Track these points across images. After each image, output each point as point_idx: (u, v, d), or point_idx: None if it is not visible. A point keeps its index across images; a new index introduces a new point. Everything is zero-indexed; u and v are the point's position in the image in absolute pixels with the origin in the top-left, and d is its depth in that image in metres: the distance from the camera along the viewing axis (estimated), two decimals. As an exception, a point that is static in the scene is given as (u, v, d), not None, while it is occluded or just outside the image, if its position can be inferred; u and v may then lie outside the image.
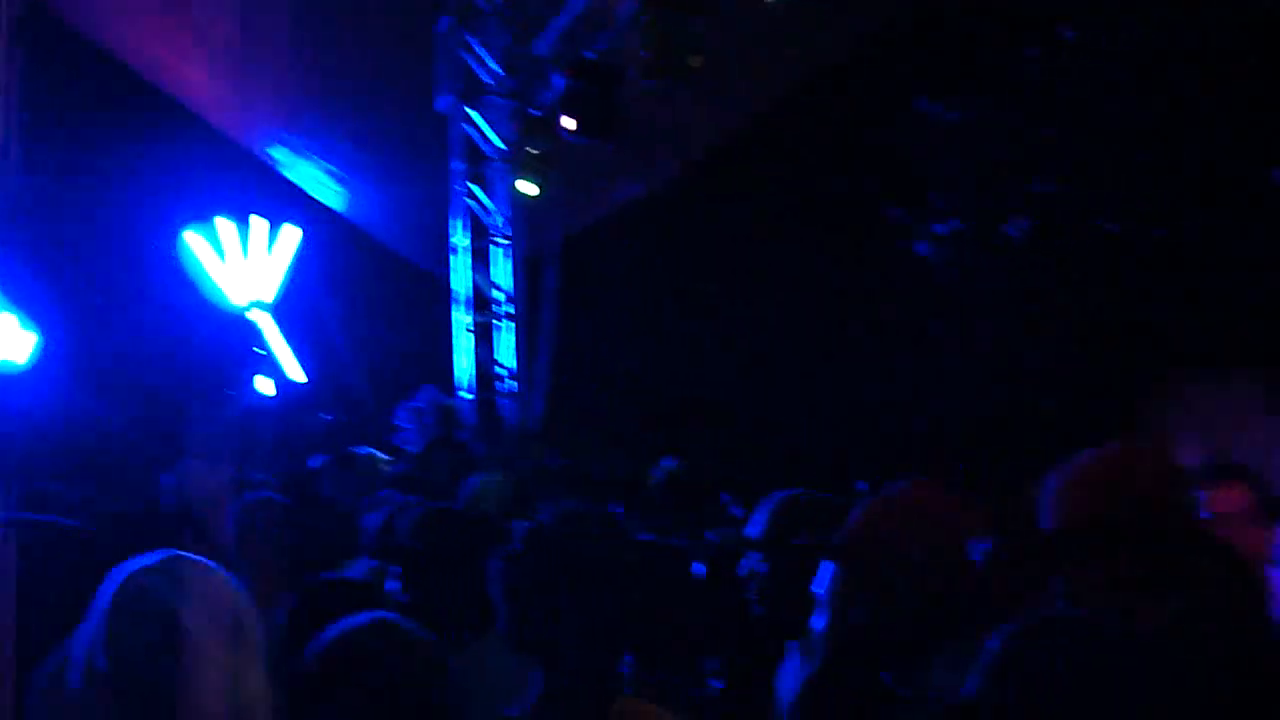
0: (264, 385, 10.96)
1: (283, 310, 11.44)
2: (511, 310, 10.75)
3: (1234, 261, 9.99)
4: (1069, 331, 10.71)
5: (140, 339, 10.38)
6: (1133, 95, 10.43)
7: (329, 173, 11.32)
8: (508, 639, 2.70)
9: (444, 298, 10.87)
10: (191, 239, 11.06)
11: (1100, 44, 10.58)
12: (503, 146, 10.42)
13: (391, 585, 3.65)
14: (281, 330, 11.36)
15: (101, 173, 10.79)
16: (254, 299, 11.27)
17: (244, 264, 11.28)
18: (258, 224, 11.32)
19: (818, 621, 2.65)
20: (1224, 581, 2.37)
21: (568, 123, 9.04)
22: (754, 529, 3.53)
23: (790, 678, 3.04)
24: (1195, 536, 2.45)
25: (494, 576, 2.70)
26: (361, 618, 2.45)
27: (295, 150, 11.10)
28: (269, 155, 11.13)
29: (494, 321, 10.78)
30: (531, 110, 9.99)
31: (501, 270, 10.75)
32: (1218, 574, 2.38)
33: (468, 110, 10.39)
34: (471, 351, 10.70)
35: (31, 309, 6.94)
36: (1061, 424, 10.00)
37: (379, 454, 7.50)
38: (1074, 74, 10.66)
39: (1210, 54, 10.05)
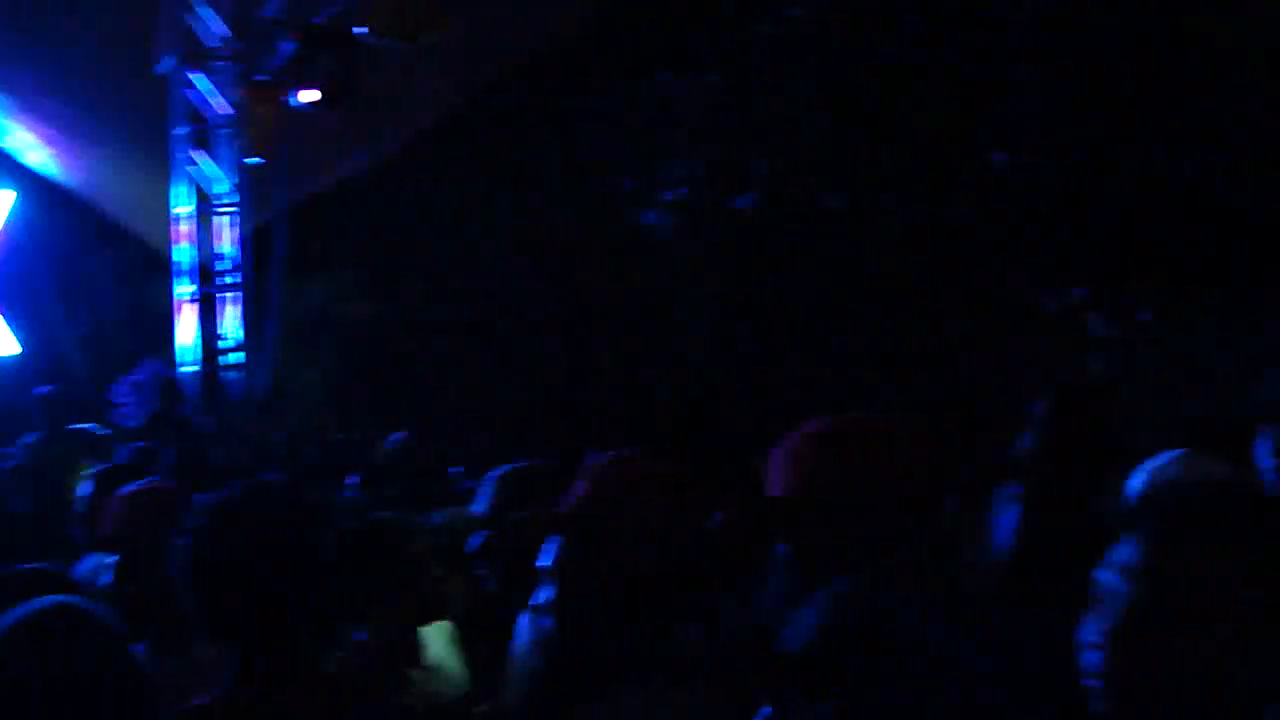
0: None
1: (-8, 278, 10.90)
2: (237, 280, 10.49)
3: (956, 236, 10.41)
4: (797, 301, 10.98)
5: None
6: (860, 73, 10.74)
7: (43, 137, 10.83)
8: (195, 622, 2.49)
9: (166, 267, 10.54)
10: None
11: (829, 22, 10.86)
12: (228, 112, 10.13)
13: (105, 578, 3.41)
14: (-9, 298, 10.83)
15: None
16: (-38, 266, 10.70)
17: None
18: (-34, 189, 10.77)
19: (543, 594, 2.65)
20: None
21: (302, 93, 8.87)
22: (479, 504, 3.53)
23: (521, 652, 3.05)
24: (914, 506, 2.51)
25: (175, 556, 2.42)
26: (41, 601, 2.33)
27: (6, 113, 10.60)
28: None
29: (218, 292, 10.51)
30: (258, 75, 9.73)
31: (226, 239, 10.47)
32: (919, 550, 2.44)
33: (189, 75, 10.07)
34: (195, 323, 10.41)
35: None
36: (789, 393, 10.28)
37: (97, 430, 7.21)
38: (802, 50, 10.92)
39: (936, 34, 10.44)
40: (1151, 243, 9.66)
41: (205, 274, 10.42)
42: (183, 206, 10.32)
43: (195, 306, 10.35)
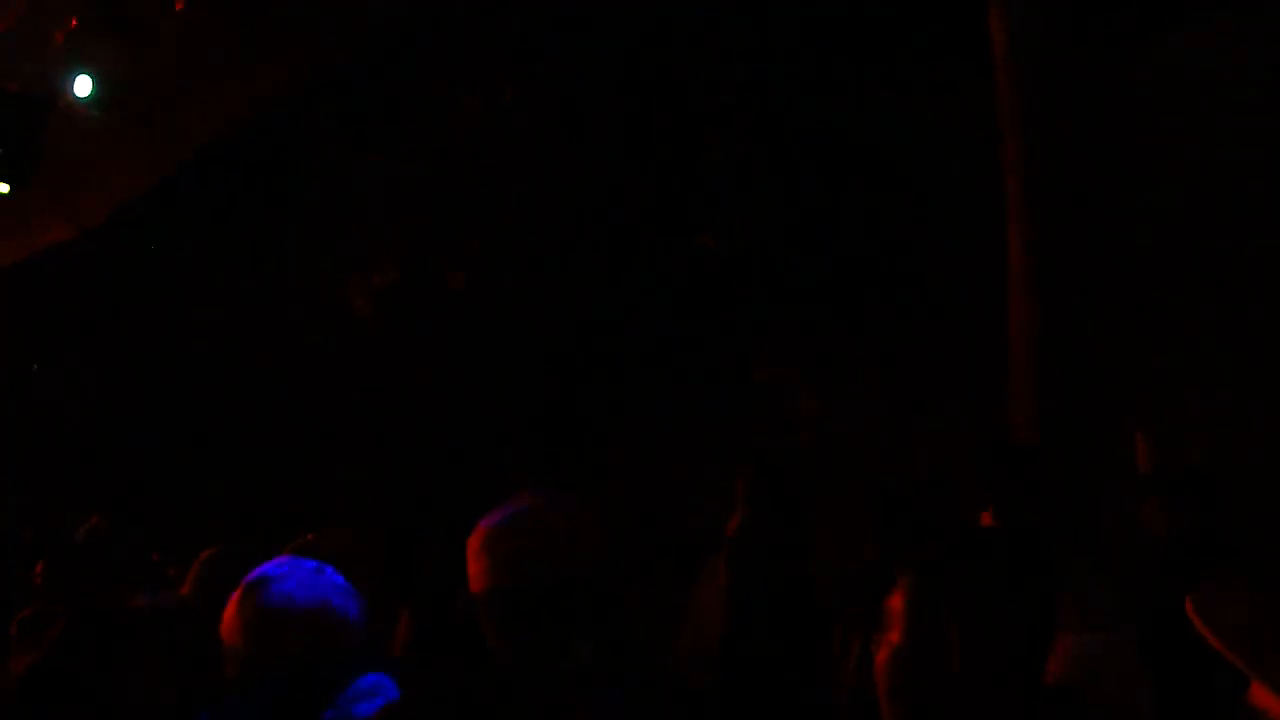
0: None
1: None
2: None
3: (657, 322, 10.63)
4: (502, 381, 11.02)
5: None
6: (572, 154, 10.90)
7: None
8: None
9: None
10: None
11: (539, 101, 10.99)
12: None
13: None
14: None
15: None
16: None
17: None
18: None
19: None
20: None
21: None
22: (190, 587, 3.46)
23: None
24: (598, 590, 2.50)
25: None
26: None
27: None
28: None
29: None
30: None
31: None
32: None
33: None
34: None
35: None
36: (499, 475, 10.29)
37: None
38: (513, 130, 11.03)
39: (644, 115, 10.69)
40: (853, 320, 10.08)
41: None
42: None
43: None
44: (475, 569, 2.51)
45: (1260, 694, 1.94)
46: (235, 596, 2.91)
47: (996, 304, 7.85)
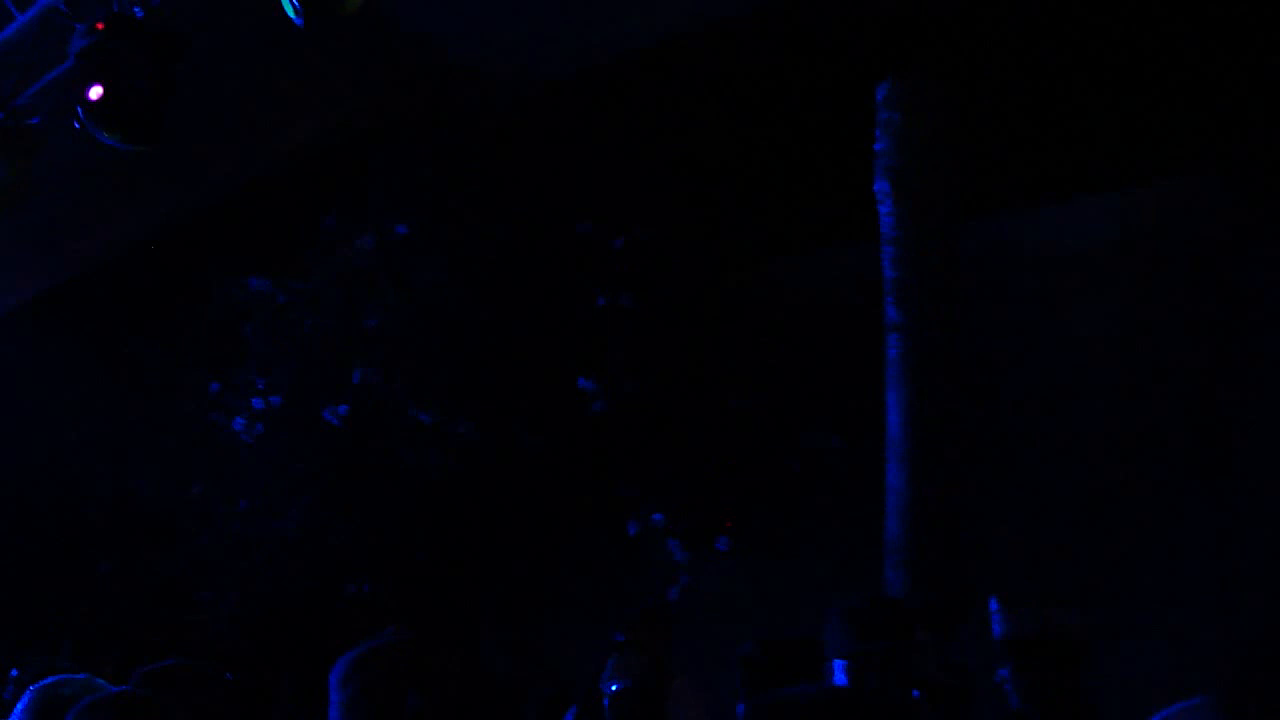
0: None
1: None
2: None
3: (518, 459, 10.66)
4: (381, 514, 10.93)
5: None
6: (460, 292, 10.97)
7: None
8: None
9: None
10: None
11: (432, 240, 11.08)
12: None
13: None
14: None
15: None
16: None
17: None
18: None
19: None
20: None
21: None
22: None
23: None
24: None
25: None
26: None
27: None
28: None
29: None
30: None
31: None
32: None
33: None
34: None
35: None
36: (372, 606, 10.17)
37: None
38: (404, 265, 11.09)
39: (537, 262, 10.83)
40: (725, 476, 10.17)
41: None
42: None
43: None
44: (336, 698, 2.51)
45: None
46: None
47: (872, 466, 7.98)
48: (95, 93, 7.21)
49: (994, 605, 4.79)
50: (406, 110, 10.72)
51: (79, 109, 7.21)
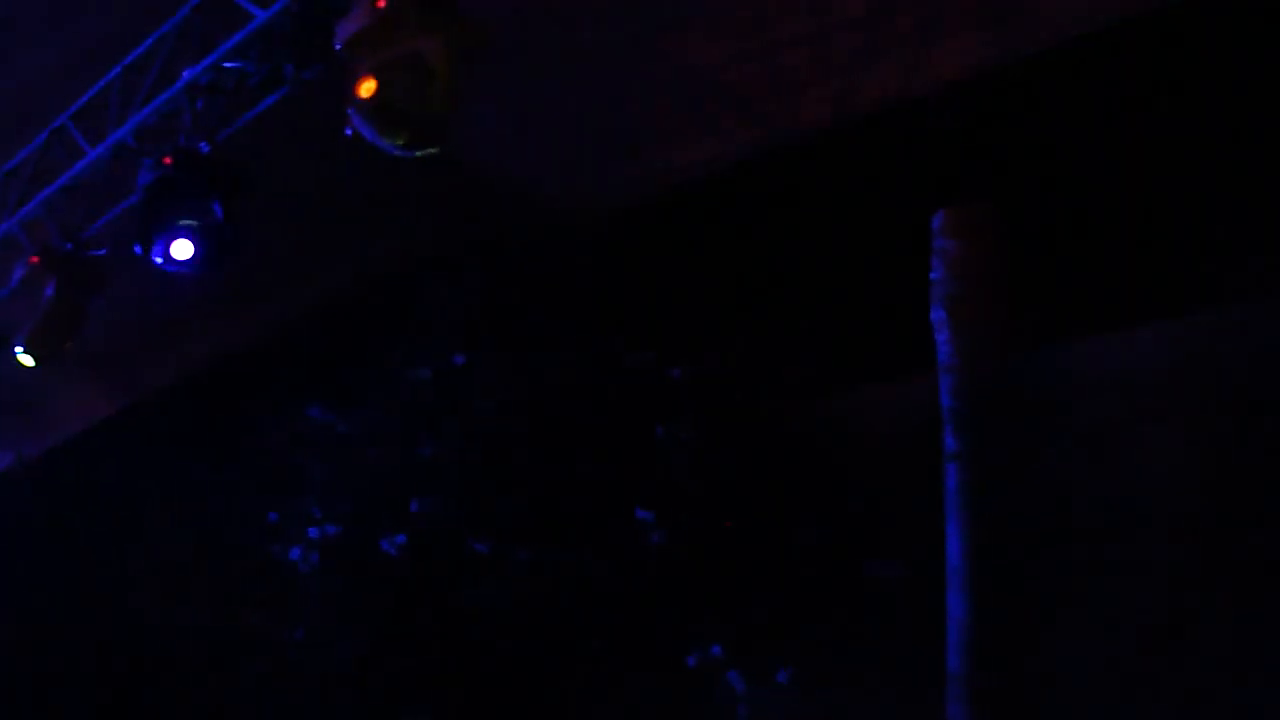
0: None
1: None
2: None
3: (599, 589, 10.58)
4: (438, 645, 10.88)
5: None
6: (521, 425, 11.00)
7: None
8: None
9: None
10: None
11: (491, 371, 11.14)
12: None
13: None
14: None
15: None
16: None
17: None
18: None
19: None
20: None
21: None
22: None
23: None
24: None
25: None
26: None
27: None
28: None
29: None
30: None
31: None
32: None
33: None
34: None
35: None
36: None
37: None
38: (461, 396, 11.14)
39: (595, 386, 10.86)
40: (786, 606, 10.04)
41: None
42: None
43: None
44: None
45: None
46: None
47: (934, 598, 7.86)
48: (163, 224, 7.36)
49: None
50: (466, 239, 10.85)
51: (153, 236, 7.30)
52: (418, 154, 6.34)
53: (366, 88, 6.32)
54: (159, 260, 7.38)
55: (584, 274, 10.99)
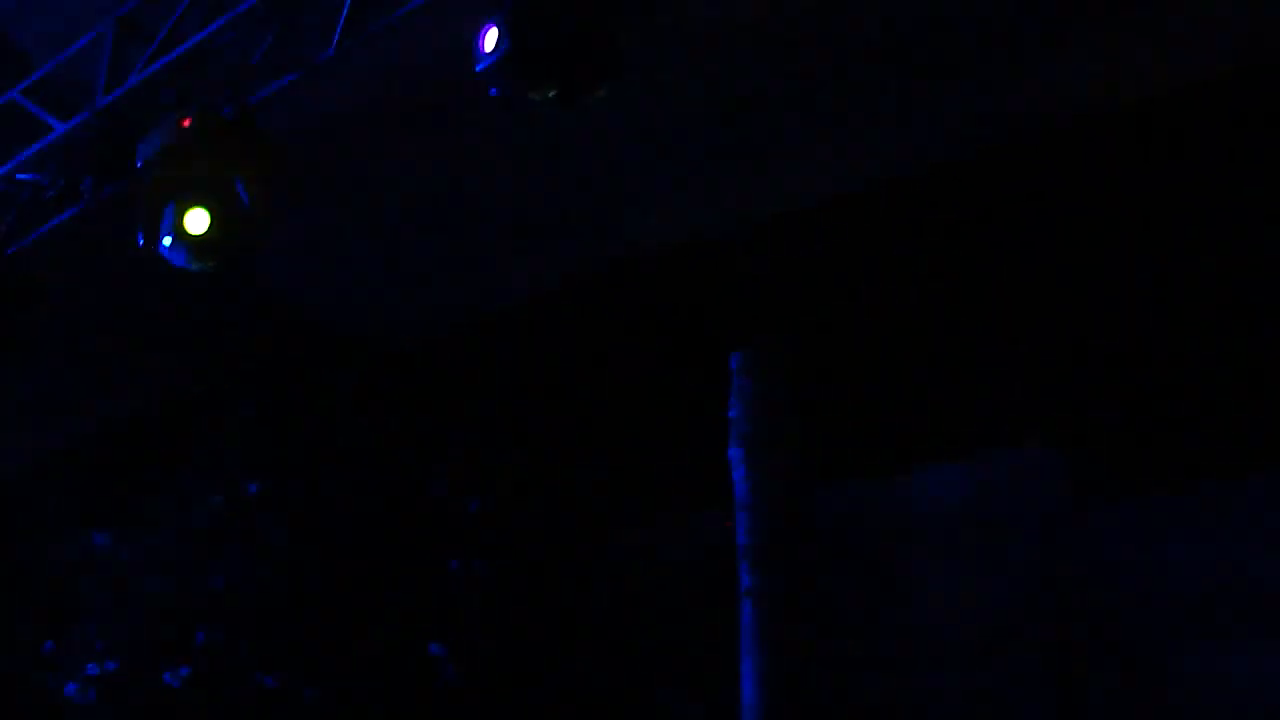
0: None
1: None
2: None
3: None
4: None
5: None
6: (310, 553, 10.79)
7: None
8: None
9: None
10: None
11: (285, 500, 10.93)
12: None
13: None
14: None
15: None
16: None
17: None
18: None
19: None
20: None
21: None
22: None
23: None
24: None
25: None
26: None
27: None
28: None
29: None
30: None
31: None
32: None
33: None
34: None
35: None
36: None
37: None
38: (253, 525, 10.89)
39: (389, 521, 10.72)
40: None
41: None
42: None
43: None
44: None
45: None
46: None
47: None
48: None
49: None
50: (264, 366, 10.70)
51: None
52: (214, 272, 6.22)
53: (191, 215, 6.12)
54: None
55: (382, 405, 10.91)
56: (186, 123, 6.27)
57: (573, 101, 5.50)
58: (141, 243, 6.21)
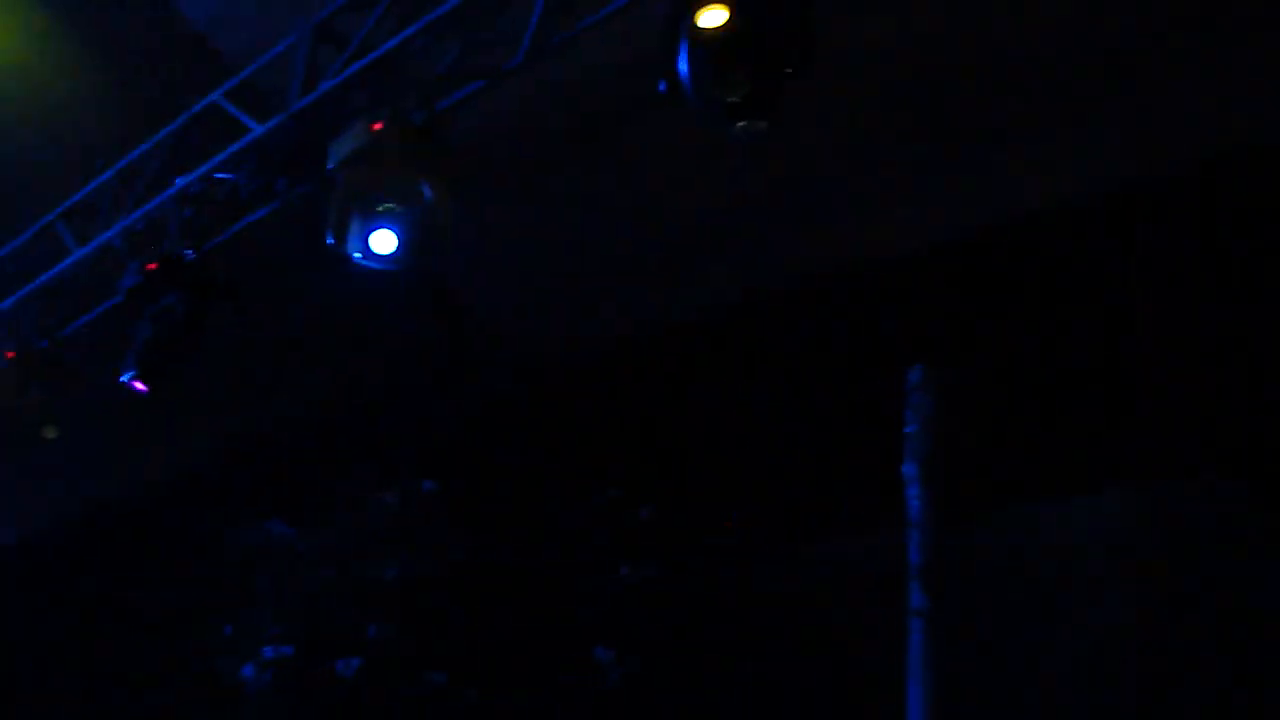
0: None
1: None
2: None
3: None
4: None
5: None
6: (486, 556, 10.95)
7: None
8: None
9: None
10: None
11: (460, 499, 11.11)
12: None
13: None
14: None
15: None
16: None
17: None
18: None
19: None
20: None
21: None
22: None
23: None
24: None
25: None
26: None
27: None
28: None
29: None
30: None
31: None
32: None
33: None
34: None
35: None
36: None
37: None
38: (427, 524, 11.10)
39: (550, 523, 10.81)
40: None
41: None
42: None
43: None
44: None
45: None
46: None
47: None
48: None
49: None
50: (443, 367, 10.89)
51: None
52: (398, 273, 6.35)
53: (378, 225, 6.25)
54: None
55: (558, 409, 11.02)
56: (377, 127, 6.42)
57: (762, 106, 5.38)
58: (331, 242, 6.37)
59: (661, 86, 5.37)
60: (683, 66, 5.26)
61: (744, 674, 10.18)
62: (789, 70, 5.27)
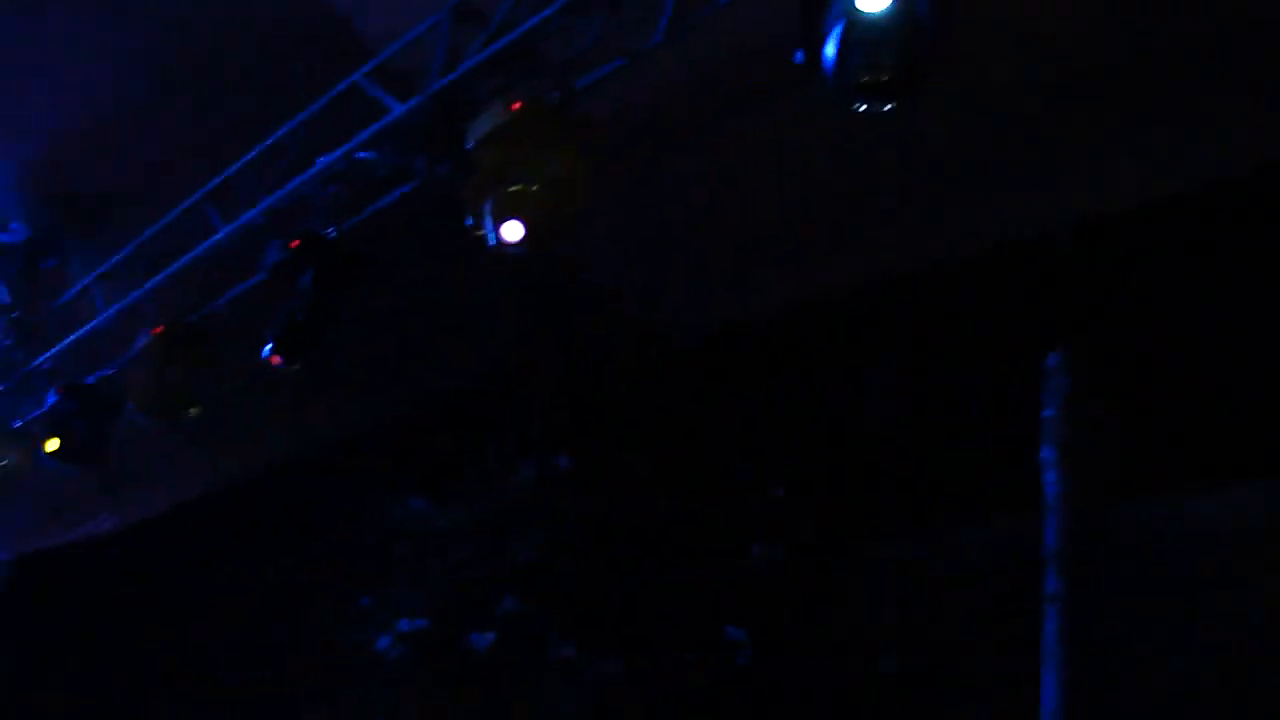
0: None
1: None
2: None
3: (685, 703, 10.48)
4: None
5: None
6: (621, 533, 11.02)
7: None
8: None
9: None
10: None
11: (595, 476, 11.18)
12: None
13: None
14: None
15: None
16: None
17: None
18: None
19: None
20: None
21: (50, 443, 8.71)
22: None
23: None
24: None
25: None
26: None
27: None
28: None
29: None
30: (14, 422, 9.50)
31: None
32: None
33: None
34: None
35: None
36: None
37: None
38: (562, 500, 11.18)
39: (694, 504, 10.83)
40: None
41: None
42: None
43: None
44: None
45: None
46: None
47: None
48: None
49: None
50: (581, 347, 10.94)
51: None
52: (533, 253, 6.36)
53: (510, 211, 6.25)
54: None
55: (693, 389, 11.02)
56: (516, 106, 6.45)
57: (904, 88, 5.25)
58: (469, 223, 6.42)
59: (798, 57, 5.28)
60: (831, 46, 5.15)
61: (874, 657, 10.12)
62: (932, 53, 5.19)
